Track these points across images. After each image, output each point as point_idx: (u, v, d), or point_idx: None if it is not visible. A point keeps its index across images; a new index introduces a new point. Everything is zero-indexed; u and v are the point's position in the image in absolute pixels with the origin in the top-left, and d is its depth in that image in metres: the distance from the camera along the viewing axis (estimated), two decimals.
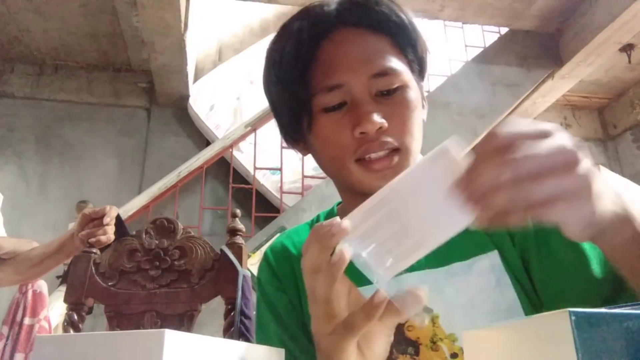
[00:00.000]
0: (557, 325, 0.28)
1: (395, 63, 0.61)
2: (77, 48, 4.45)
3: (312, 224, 0.76)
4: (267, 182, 4.09)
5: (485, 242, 0.62)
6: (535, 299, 0.59)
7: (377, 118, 0.58)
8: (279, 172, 3.87)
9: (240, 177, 4.06)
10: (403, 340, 0.61)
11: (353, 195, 0.65)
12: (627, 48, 4.21)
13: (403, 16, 0.63)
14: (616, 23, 3.63)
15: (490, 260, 0.61)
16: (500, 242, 0.62)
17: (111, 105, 4.60)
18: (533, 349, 0.30)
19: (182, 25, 3.63)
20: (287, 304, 0.69)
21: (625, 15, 3.54)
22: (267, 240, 3.42)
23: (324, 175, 3.99)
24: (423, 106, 0.67)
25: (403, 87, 0.61)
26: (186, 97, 4.41)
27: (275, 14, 4.96)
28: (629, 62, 4.35)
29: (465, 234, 0.63)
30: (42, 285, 2.13)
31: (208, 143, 4.24)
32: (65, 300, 1.13)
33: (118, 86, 4.66)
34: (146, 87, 4.64)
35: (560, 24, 4.07)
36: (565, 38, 4.10)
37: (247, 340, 1.05)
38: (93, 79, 4.64)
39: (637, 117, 5.19)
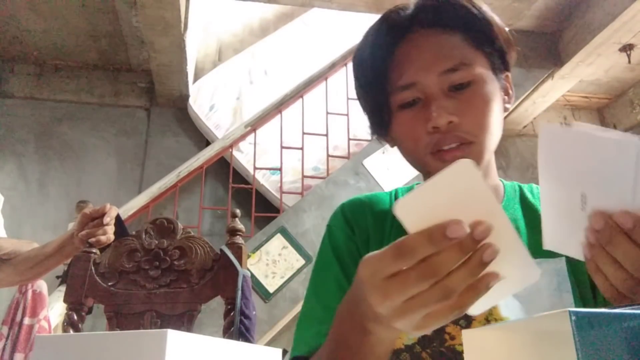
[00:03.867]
0: (557, 325, 0.28)
1: (467, 58, 0.63)
2: (77, 48, 4.45)
3: (391, 195, 0.78)
4: (267, 182, 4.09)
5: None
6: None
7: (446, 113, 0.61)
8: (279, 172, 3.87)
9: (240, 177, 4.06)
10: None
11: None
12: (627, 48, 4.21)
13: (477, 12, 0.65)
14: (616, 23, 3.63)
15: (556, 265, 0.65)
16: None
17: (111, 105, 4.60)
18: (533, 349, 0.30)
19: (182, 25, 3.62)
20: (353, 251, 0.72)
21: (625, 15, 3.54)
22: (267, 240, 3.42)
23: (324, 175, 3.96)
24: (509, 95, 0.70)
25: (476, 81, 0.63)
26: (186, 97, 4.41)
27: (275, 14, 4.96)
28: (629, 62, 4.35)
29: (539, 236, 0.67)
30: (42, 285, 2.13)
31: (208, 143, 4.24)
32: (65, 300, 1.13)
33: (118, 86, 4.66)
34: (146, 87, 4.64)
35: (560, 24, 4.07)
36: (565, 38, 4.10)
37: (247, 340, 1.05)
38: (93, 79, 4.64)
39: (637, 117, 5.18)
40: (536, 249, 0.65)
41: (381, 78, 0.65)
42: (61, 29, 4.22)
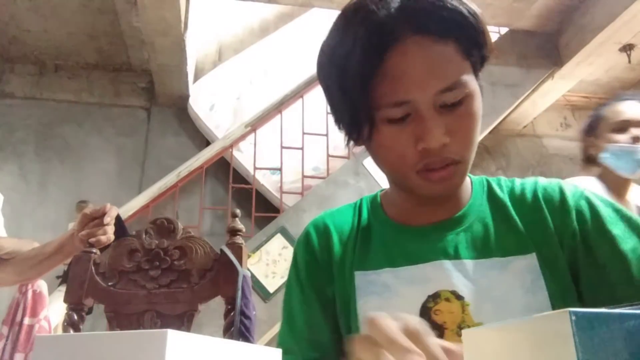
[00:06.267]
0: (557, 325, 0.28)
1: (462, 74, 0.60)
2: (77, 48, 4.45)
3: (355, 206, 0.78)
4: (267, 182, 4.09)
5: (526, 244, 0.65)
6: (572, 302, 0.61)
7: (440, 135, 0.58)
8: (279, 172, 3.87)
9: (240, 177, 4.06)
10: (428, 323, 0.63)
11: (406, 192, 0.69)
12: (627, 48, 4.21)
13: (470, 17, 0.60)
14: (616, 23, 3.63)
15: (528, 262, 0.63)
16: (543, 244, 0.64)
17: (111, 105, 4.60)
18: (533, 349, 0.30)
19: (182, 25, 3.63)
20: (314, 277, 0.73)
21: (625, 15, 3.54)
22: (267, 240, 3.42)
23: (324, 175, 3.94)
24: (481, 94, 0.66)
25: (467, 98, 0.60)
26: (186, 97, 4.41)
27: (275, 14, 4.96)
28: (629, 62, 4.35)
29: (508, 233, 0.66)
30: (42, 285, 2.13)
31: (208, 143, 4.24)
32: (65, 300, 1.13)
33: (118, 86, 4.66)
34: (146, 87, 4.64)
35: (560, 24, 4.07)
36: (565, 38, 4.10)
37: (247, 340, 1.05)
38: (93, 79, 4.64)
39: None
40: (506, 246, 0.65)
41: (366, 89, 0.59)
42: (61, 29, 4.22)
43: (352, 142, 0.67)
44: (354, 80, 0.59)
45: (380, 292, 0.66)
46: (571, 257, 0.63)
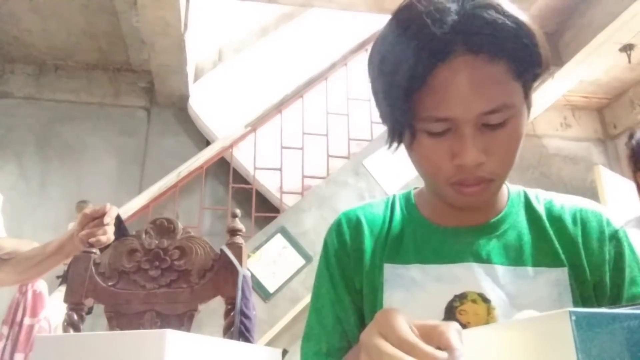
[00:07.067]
0: (557, 325, 0.28)
1: (509, 96, 0.59)
2: (77, 48, 4.45)
3: (387, 202, 0.78)
4: (267, 182, 4.09)
5: (559, 258, 0.66)
6: None
7: (477, 154, 0.59)
8: (279, 172, 3.88)
9: (240, 177, 4.06)
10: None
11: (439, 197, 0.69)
12: (627, 48, 4.21)
13: (526, 39, 0.58)
14: (616, 23, 3.63)
15: (558, 275, 0.65)
16: (574, 260, 0.66)
17: (111, 105, 4.60)
18: (533, 349, 0.30)
19: (182, 25, 3.63)
20: (345, 268, 0.73)
21: (625, 15, 3.54)
22: (267, 240, 3.42)
23: (324, 175, 3.95)
24: (528, 108, 0.66)
25: (512, 119, 0.60)
26: (186, 97, 4.41)
27: (276, 14, 4.96)
28: (629, 62, 4.35)
29: (542, 245, 0.68)
30: (42, 285, 2.13)
31: (208, 143, 4.24)
32: (65, 300, 1.13)
33: (118, 86, 4.66)
34: (146, 87, 4.64)
35: (560, 24, 4.07)
36: (565, 38, 4.10)
37: (247, 340, 1.05)
38: (93, 79, 4.64)
39: (637, 117, 5.18)
40: (538, 257, 0.67)
41: (410, 100, 0.59)
42: (61, 29, 4.22)
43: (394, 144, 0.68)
44: (399, 91, 0.59)
45: (407, 286, 0.67)
46: (597, 275, 0.65)
